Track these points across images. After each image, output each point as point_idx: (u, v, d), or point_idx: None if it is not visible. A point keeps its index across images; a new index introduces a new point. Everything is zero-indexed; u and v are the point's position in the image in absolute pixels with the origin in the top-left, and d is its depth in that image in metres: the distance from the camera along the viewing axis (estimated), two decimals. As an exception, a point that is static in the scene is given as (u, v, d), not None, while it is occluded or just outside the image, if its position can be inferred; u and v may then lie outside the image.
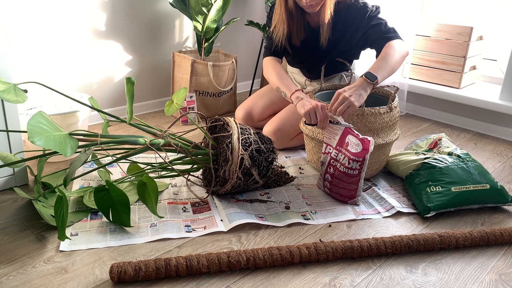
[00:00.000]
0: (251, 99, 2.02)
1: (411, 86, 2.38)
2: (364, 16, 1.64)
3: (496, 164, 1.82)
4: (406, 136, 2.10)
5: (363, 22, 1.64)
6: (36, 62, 1.89)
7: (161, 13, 2.24)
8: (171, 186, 1.53)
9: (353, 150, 1.36)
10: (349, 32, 1.69)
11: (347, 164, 1.37)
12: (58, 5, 1.88)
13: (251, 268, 1.12)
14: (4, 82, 1.24)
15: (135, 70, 2.24)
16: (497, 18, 2.42)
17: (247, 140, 1.38)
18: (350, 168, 1.37)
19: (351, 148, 1.37)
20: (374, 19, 1.64)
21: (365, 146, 1.34)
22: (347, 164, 1.37)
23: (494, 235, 1.25)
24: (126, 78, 1.31)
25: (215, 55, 2.41)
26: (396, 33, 1.60)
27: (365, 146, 1.34)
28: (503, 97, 2.11)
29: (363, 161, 1.35)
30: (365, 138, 1.35)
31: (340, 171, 1.40)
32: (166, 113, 1.52)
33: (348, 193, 1.42)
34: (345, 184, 1.41)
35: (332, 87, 1.74)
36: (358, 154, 1.35)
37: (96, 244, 1.20)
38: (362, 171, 1.37)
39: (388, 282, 1.10)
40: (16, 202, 1.40)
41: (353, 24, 1.67)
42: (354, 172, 1.37)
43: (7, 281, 1.05)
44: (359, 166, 1.36)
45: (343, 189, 1.42)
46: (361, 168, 1.37)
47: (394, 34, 1.59)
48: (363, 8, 1.64)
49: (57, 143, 1.09)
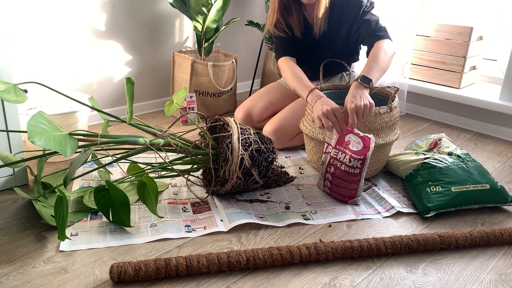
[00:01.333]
0: (250, 100, 2.02)
1: (411, 86, 2.38)
2: (358, 11, 1.66)
3: (496, 164, 1.82)
4: (406, 136, 2.10)
5: (357, 17, 1.66)
6: (36, 62, 1.89)
7: (161, 13, 2.24)
8: (171, 186, 1.53)
9: (354, 149, 1.36)
10: (344, 26, 1.71)
11: (348, 163, 1.38)
12: (58, 5, 1.88)
13: (251, 268, 1.12)
14: (4, 82, 1.24)
15: (135, 70, 2.24)
16: (497, 18, 2.42)
17: (247, 140, 1.38)
18: (352, 167, 1.37)
19: (352, 146, 1.37)
20: (367, 14, 1.66)
21: (366, 144, 1.35)
22: (348, 163, 1.37)
23: (494, 235, 1.25)
24: (126, 78, 1.31)
25: (215, 55, 2.41)
26: (386, 33, 1.62)
27: (366, 144, 1.35)
28: (503, 97, 2.11)
29: (364, 159, 1.35)
30: (366, 136, 1.35)
31: (342, 170, 1.40)
32: (166, 113, 1.52)
33: (348, 192, 1.42)
34: (346, 184, 1.41)
35: (332, 87, 1.74)
36: (359, 152, 1.35)
37: (96, 244, 1.20)
38: (363, 170, 1.38)
39: (388, 282, 1.10)
40: (16, 202, 1.40)
41: (349, 18, 1.68)
42: (355, 171, 1.37)
43: (7, 281, 1.05)
44: (360, 164, 1.36)
45: (344, 189, 1.42)
46: (362, 167, 1.37)
47: (384, 34, 1.61)
48: (358, 2, 1.66)
49: (57, 143, 1.09)
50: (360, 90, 1.42)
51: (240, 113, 1.99)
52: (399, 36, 2.31)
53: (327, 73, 1.86)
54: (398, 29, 2.30)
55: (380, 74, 1.50)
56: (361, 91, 1.41)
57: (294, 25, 1.74)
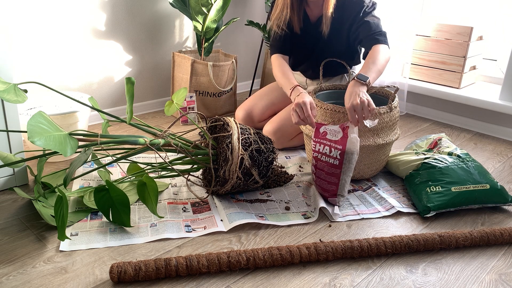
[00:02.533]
0: (251, 100, 2.02)
1: (411, 86, 2.38)
2: (359, 11, 1.65)
3: (496, 164, 1.82)
4: (406, 136, 2.10)
5: (358, 17, 1.66)
6: (36, 62, 1.89)
7: (161, 13, 2.24)
8: (171, 186, 1.53)
9: (333, 138, 1.36)
10: (345, 26, 1.71)
11: (329, 153, 1.37)
12: (58, 5, 1.88)
13: (251, 268, 1.12)
14: (4, 82, 1.24)
15: (135, 70, 2.24)
16: (497, 18, 2.42)
17: (247, 140, 1.38)
18: (331, 157, 1.36)
19: (330, 136, 1.37)
20: (369, 16, 1.65)
21: (345, 132, 1.34)
22: (329, 153, 1.37)
23: (494, 235, 1.25)
24: (126, 78, 1.31)
25: (215, 55, 2.41)
26: (385, 38, 1.62)
27: (345, 132, 1.34)
28: (503, 97, 2.11)
29: (343, 150, 1.34)
30: (345, 124, 1.35)
31: (322, 161, 1.39)
32: (166, 113, 1.52)
33: (328, 187, 1.40)
34: (326, 176, 1.39)
35: (332, 87, 1.74)
36: (338, 141, 1.35)
37: (96, 244, 1.20)
38: (344, 164, 1.35)
39: (388, 282, 1.10)
40: (16, 202, 1.40)
41: (349, 17, 1.68)
42: (335, 162, 1.36)
43: (7, 281, 1.05)
44: (339, 155, 1.34)
45: (324, 181, 1.40)
46: (342, 159, 1.35)
47: (383, 39, 1.61)
48: (360, 2, 1.66)
49: (57, 143, 1.09)
50: (357, 87, 1.40)
51: (241, 112, 1.99)
52: (399, 36, 2.31)
53: (328, 73, 1.86)
54: (398, 28, 2.30)
55: (377, 75, 1.50)
56: (357, 89, 1.40)
57: (294, 20, 1.74)
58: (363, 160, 1.53)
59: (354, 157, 1.36)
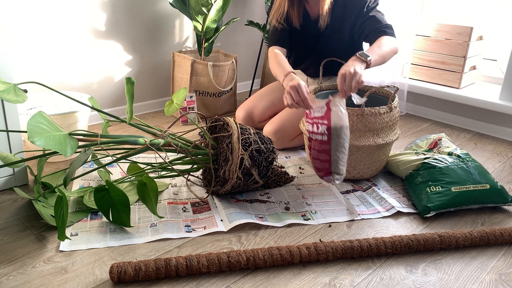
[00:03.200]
0: (251, 100, 2.02)
1: (411, 86, 2.38)
2: (362, 7, 1.64)
3: (496, 164, 1.82)
4: (406, 136, 2.10)
5: (361, 13, 1.65)
6: (36, 62, 1.89)
7: (161, 13, 2.24)
8: (171, 186, 1.53)
9: (318, 114, 1.35)
10: (347, 22, 1.70)
11: (316, 130, 1.36)
12: (58, 5, 1.88)
13: (251, 268, 1.12)
14: (4, 82, 1.24)
15: (135, 70, 2.24)
16: (497, 18, 2.42)
17: (247, 140, 1.38)
18: (320, 133, 1.35)
19: (316, 113, 1.36)
20: (373, 11, 1.64)
21: (328, 105, 1.33)
22: (317, 130, 1.35)
23: (494, 235, 1.25)
24: (126, 78, 1.31)
25: (215, 55, 2.41)
26: (392, 31, 1.61)
27: (328, 105, 1.33)
28: (503, 97, 2.11)
29: (329, 124, 1.32)
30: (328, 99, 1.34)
31: (313, 140, 1.38)
32: (166, 113, 1.52)
33: (322, 165, 1.38)
34: (318, 154, 1.37)
35: (332, 86, 1.74)
36: (323, 117, 1.34)
37: (96, 244, 1.20)
38: (333, 140, 1.33)
39: (388, 282, 1.10)
40: (16, 202, 1.40)
41: (352, 13, 1.67)
42: (324, 138, 1.34)
43: (7, 281, 1.05)
44: (326, 130, 1.33)
45: (317, 160, 1.39)
46: (330, 134, 1.33)
47: (391, 31, 1.60)
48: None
49: (57, 143, 1.09)
50: (356, 62, 1.39)
51: (241, 113, 1.99)
52: (399, 36, 2.31)
53: (330, 72, 1.85)
54: (398, 28, 2.30)
55: (379, 59, 1.47)
56: (355, 62, 1.38)
57: (293, 15, 1.74)
58: (363, 160, 1.53)
59: (343, 131, 1.33)
